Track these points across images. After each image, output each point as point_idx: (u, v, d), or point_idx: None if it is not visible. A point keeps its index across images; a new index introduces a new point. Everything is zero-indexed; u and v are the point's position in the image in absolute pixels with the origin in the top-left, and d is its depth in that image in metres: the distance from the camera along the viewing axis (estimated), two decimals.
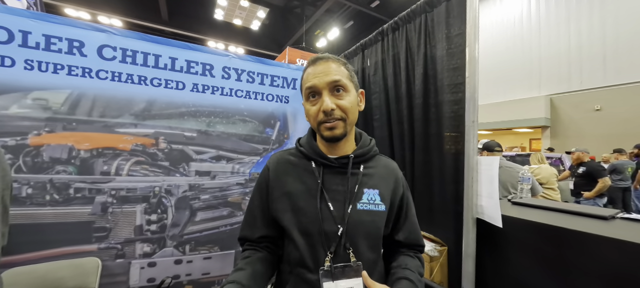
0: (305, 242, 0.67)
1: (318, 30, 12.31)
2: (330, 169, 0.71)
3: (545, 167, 3.46)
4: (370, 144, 0.77)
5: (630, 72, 6.80)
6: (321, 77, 0.66)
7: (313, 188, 0.69)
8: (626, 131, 6.66)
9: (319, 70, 0.67)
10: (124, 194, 1.42)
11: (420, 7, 1.32)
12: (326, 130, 0.66)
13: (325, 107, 0.65)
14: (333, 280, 0.63)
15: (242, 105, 1.69)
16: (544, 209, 1.15)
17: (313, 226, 0.66)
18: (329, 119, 0.65)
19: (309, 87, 0.67)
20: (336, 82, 0.66)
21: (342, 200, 0.68)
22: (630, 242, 0.76)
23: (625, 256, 0.77)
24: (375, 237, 0.71)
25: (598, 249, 0.82)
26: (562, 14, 8.05)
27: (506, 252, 1.04)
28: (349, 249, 0.66)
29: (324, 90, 0.66)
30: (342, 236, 0.66)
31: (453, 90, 1.14)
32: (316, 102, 0.67)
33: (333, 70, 0.67)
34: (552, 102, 8.24)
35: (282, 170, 0.73)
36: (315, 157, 0.72)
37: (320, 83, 0.66)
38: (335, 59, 0.70)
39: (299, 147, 0.76)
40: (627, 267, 0.76)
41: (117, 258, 1.41)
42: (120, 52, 1.38)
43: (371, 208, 0.70)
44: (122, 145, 1.41)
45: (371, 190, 0.71)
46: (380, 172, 0.75)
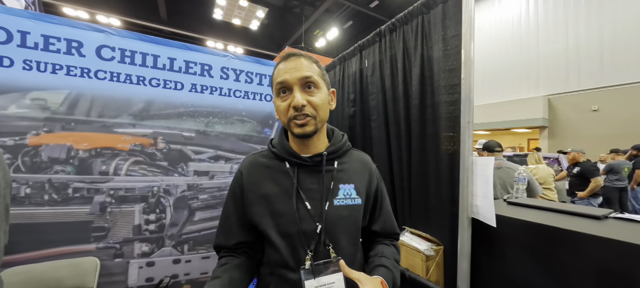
0: (286, 243, 0.67)
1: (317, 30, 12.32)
2: (304, 168, 0.71)
3: (543, 167, 3.48)
4: (342, 139, 0.78)
5: (627, 73, 6.84)
6: (292, 72, 0.65)
7: (289, 189, 0.69)
8: (623, 131, 6.70)
9: (290, 66, 0.66)
10: (123, 194, 1.43)
11: (417, 8, 1.33)
12: (296, 127, 0.66)
13: (295, 103, 0.64)
14: (314, 277, 0.65)
15: (241, 106, 1.70)
16: (538, 209, 1.17)
17: (292, 227, 0.67)
18: (298, 115, 0.65)
19: (280, 82, 0.66)
20: (307, 78, 0.65)
21: (319, 198, 0.69)
22: (621, 241, 0.78)
23: (616, 255, 0.78)
24: (354, 230, 0.72)
25: (590, 248, 0.84)
26: (560, 14, 8.08)
27: (501, 251, 1.05)
28: (329, 246, 0.67)
29: (294, 86, 0.65)
30: (320, 233, 0.67)
31: (449, 91, 1.15)
32: (286, 98, 0.66)
33: (304, 66, 0.66)
34: (550, 102, 8.28)
35: (256, 174, 0.72)
36: (288, 157, 0.71)
37: (291, 78, 0.65)
38: (307, 57, 0.69)
39: (272, 148, 0.75)
40: (618, 265, 0.77)
41: (116, 257, 1.42)
42: (119, 52, 1.39)
43: (348, 203, 0.71)
44: (120, 145, 1.42)
45: (347, 185, 0.72)
46: (354, 167, 0.76)
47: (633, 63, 6.75)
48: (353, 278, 0.62)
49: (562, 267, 0.89)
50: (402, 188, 1.44)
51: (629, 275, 0.75)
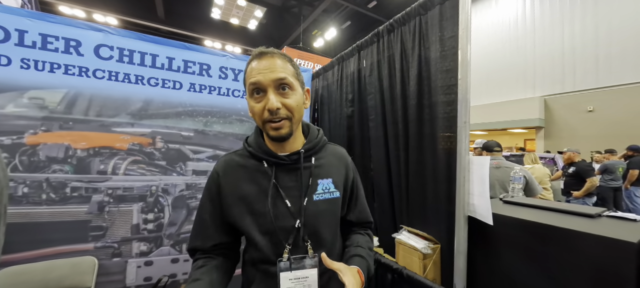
0: (267, 241, 0.69)
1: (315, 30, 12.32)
2: (282, 167, 0.71)
3: (539, 167, 3.52)
4: (318, 135, 0.78)
5: (622, 74, 6.92)
6: (266, 73, 0.63)
7: (267, 188, 0.69)
8: (618, 132, 6.78)
9: (264, 65, 0.63)
10: (121, 193, 1.43)
11: (415, 9, 1.34)
12: (272, 130, 0.65)
13: (270, 106, 0.62)
14: (291, 270, 0.67)
15: (239, 105, 1.70)
16: (533, 208, 1.19)
17: (271, 225, 0.68)
18: (274, 118, 0.63)
19: (253, 83, 0.63)
20: (282, 79, 0.63)
21: (298, 195, 0.70)
22: (613, 238, 0.79)
23: (608, 251, 0.80)
24: (333, 222, 0.75)
25: (583, 245, 0.85)
26: (556, 16, 8.16)
27: (497, 249, 1.07)
28: (307, 242, 0.69)
29: (269, 88, 0.63)
30: (299, 229, 0.69)
31: (446, 91, 1.17)
32: (261, 100, 0.64)
33: (278, 67, 0.64)
34: (546, 103, 8.36)
35: (232, 174, 0.71)
36: (265, 156, 0.70)
37: (265, 80, 0.63)
38: (281, 55, 0.67)
39: (248, 148, 0.74)
40: (609, 262, 0.79)
41: (114, 257, 1.42)
42: (117, 51, 1.39)
43: (327, 197, 0.73)
44: (119, 145, 1.42)
45: (325, 180, 0.74)
46: (331, 161, 0.77)
47: (628, 64, 6.82)
48: (334, 268, 0.65)
49: (557, 264, 0.90)
50: (400, 188, 1.46)
51: (619, 271, 0.77)
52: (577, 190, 3.97)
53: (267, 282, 0.69)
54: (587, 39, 7.50)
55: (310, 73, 1.96)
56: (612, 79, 7.06)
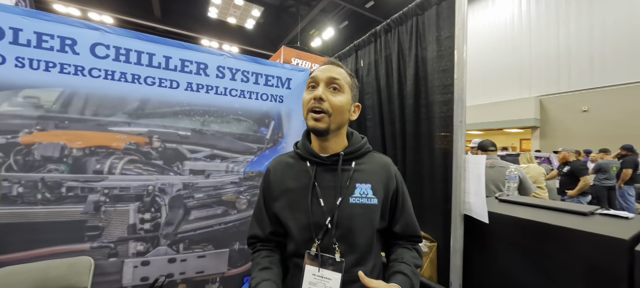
0: (300, 235, 0.73)
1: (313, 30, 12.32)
2: (323, 167, 0.77)
3: (534, 167, 3.55)
4: (361, 141, 0.82)
5: (616, 74, 7.01)
6: (324, 72, 0.74)
7: (307, 185, 0.75)
8: (612, 132, 6.87)
9: (325, 68, 0.76)
10: (117, 193, 1.42)
11: (412, 10, 1.35)
12: (311, 120, 0.72)
13: (316, 94, 0.71)
14: (317, 266, 0.70)
15: (237, 105, 1.70)
16: (528, 206, 1.20)
17: (306, 220, 0.73)
18: (315, 107, 0.71)
19: (311, 78, 0.76)
20: (334, 79, 0.73)
21: (333, 195, 0.73)
22: (605, 235, 0.81)
23: (601, 248, 0.81)
24: (369, 229, 0.74)
25: (577, 243, 0.87)
26: (551, 17, 8.24)
27: (492, 247, 1.08)
28: (335, 244, 0.70)
29: (321, 82, 0.73)
30: (330, 228, 0.71)
31: (442, 91, 1.18)
32: (312, 91, 0.74)
33: (335, 70, 0.75)
34: (542, 103, 8.44)
35: (280, 171, 0.80)
36: (309, 156, 0.78)
37: (321, 76, 0.74)
38: (343, 67, 0.79)
39: (296, 150, 0.82)
40: (601, 258, 0.80)
41: (110, 257, 1.41)
42: (114, 50, 1.38)
43: (363, 202, 0.74)
44: (115, 144, 1.41)
45: (363, 184, 0.75)
46: (372, 168, 0.79)
47: (622, 65, 6.92)
48: (372, 287, 0.64)
49: (551, 260, 0.92)
50: None
51: (611, 267, 0.79)
52: (572, 189, 4.01)
53: (298, 276, 0.74)
54: (582, 40, 7.59)
55: (307, 72, 1.96)
56: (607, 80, 7.15)
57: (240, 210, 1.73)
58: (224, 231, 1.68)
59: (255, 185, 1.77)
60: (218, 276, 1.67)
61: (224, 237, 1.68)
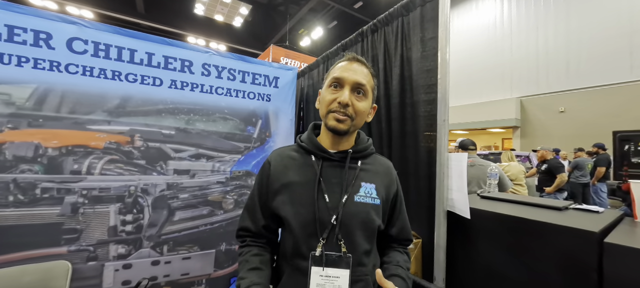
0: (302, 231, 0.69)
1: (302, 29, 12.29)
2: (329, 163, 0.75)
3: (514, 165, 3.69)
4: (367, 142, 0.82)
5: (590, 77, 7.39)
6: (351, 73, 0.71)
7: (311, 180, 0.72)
8: (586, 131, 7.24)
9: (353, 67, 0.72)
10: (97, 194, 1.37)
11: (398, 10, 1.38)
12: (333, 120, 0.70)
13: (342, 99, 0.69)
14: (322, 266, 0.67)
15: (223, 103, 1.67)
16: (508, 202, 1.25)
17: (309, 215, 0.69)
18: (339, 110, 0.69)
19: (336, 78, 0.72)
20: (361, 84, 0.71)
21: (339, 192, 0.72)
22: (577, 229, 0.85)
23: (574, 240, 0.86)
24: (371, 228, 0.74)
25: (552, 235, 0.91)
26: (531, 21, 8.59)
27: (474, 242, 1.12)
28: (341, 240, 0.69)
29: (347, 85, 0.70)
30: (335, 226, 0.69)
31: (427, 90, 1.20)
32: (336, 92, 0.71)
33: (363, 74, 0.72)
34: (522, 103, 8.78)
35: (282, 164, 0.76)
36: (315, 151, 0.75)
37: (348, 78, 0.71)
38: (369, 66, 0.76)
39: (300, 143, 0.79)
40: (575, 249, 0.85)
41: (89, 260, 1.36)
42: (92, 45, 1.33)
43: (368, 201, 0.74)
44: (94, 143, 1.36)
45: (368, 184, 0.76)
46: (377, 169, 0.80)
47: (595, 68, 7.30)
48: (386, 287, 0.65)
49: (529, 252, 0.96)
50: None
51: (583, 258, 0.83)
52: (550, 186, 4.20)
53: (295, 278, 0.70)
54: (559, 44, 7.96)
55: (295, 72, 1.96)
56: (581, 82, 7.53)
57: (227, 210, 1.70)
58: (210, 232, 1.65)
59: (243, 185, 1.75)
60: (204, 277, 1.64)
61: (210, 237, 1.65)
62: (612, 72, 7.00)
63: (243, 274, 0.71)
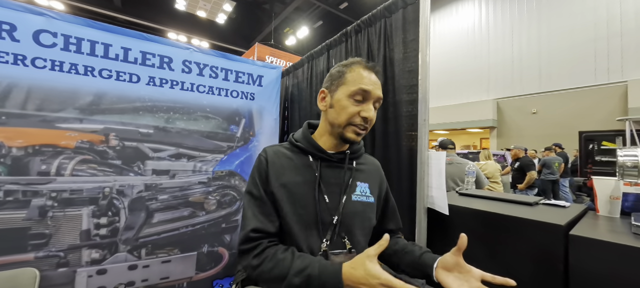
0: (303, 233, 0.68)
1: (287, 28, 12.21)
2: (327, 163, 0.75)
3: (491, 163, 3.87)
4: (360, 143, 0.84)
5: (559, 81, 7.88)
6: (376, 88, 0.72)
7: (310, 180, 0.72)
8: (556, 132, 7.72)
9: (374, 80, 0.73)
10: (68, 196, 1.30)
11: (380, 12, 1.40)
12: (353, 133, 0.71)
13: (369, 116, 0.70)
14: None
15: (205, 101, 1.63)
16: (484, 199, 1.31)
17: (310, 216, 0.69)
18: (361, 125, 0.70)
19: (364, 90, 0.70)
20: (380, 99, 0.74)
21: (338, 192, 0.73)
22: (545, 222, 0.91)
23: (543, 233, 0.91)
24: (368, 226, 0.77)
25: (523, 229, 0.96)
26: (506, 27, 9.03)
27: (453, 237, 1.15)
28: (344, 237, 0.70)
29: (371, 100, 0.71)
30: (337, 225, 0.70)
31: (408, 91, 1.24)
32: (359, 105, 0.71)
33: (380, 87, 0.74)
34: (499, 105, 9.21)
35: (279, 162, 0.74)
36: (314, 151, 0.75)
37: (374, 93, 0.71)
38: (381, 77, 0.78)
39: (296, 143, 0.77)
40: (543, 242, 0.91)
41: (59, 267, 1.28)
42: (62, 38, 1.25)
43: (363, 200, 0.76)
44: (64, 142, 1.28)
45: (363, 183, 0.78)
46: (369, 168, 0.83)
47: (564, 72, 7.79)
48: None
49: (503, 246, 1.01)
50: None
51: (551, 249, 0.89)
52: (522, 182, 4.44)
53: None
54: (531, 49, 8.42)
55: (280, 70, 1.94)
56: (552, 85, 8.01)
57: (209, 211, 1.67)
58: (192, 234, 1.61)
59: (226, 185, 1.71)
60: (185, 281, 1.59)
61: (191, 239, 1.60)
62: (579, 76, 7.50)
63: (297, 264, 0.60)
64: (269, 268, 0.62)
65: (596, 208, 1.14)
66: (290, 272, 0.60)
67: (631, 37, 6.66)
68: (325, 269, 0.59)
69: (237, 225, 1.75)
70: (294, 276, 0.59)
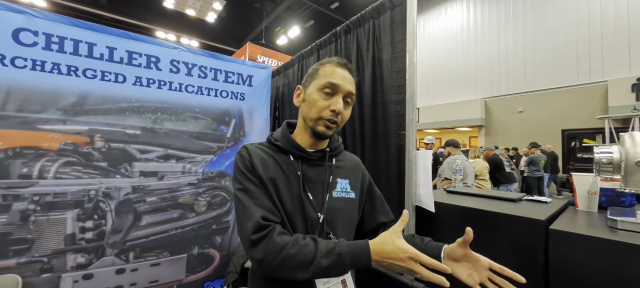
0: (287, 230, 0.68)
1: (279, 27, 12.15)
2: (307, 162, 0.75)
3: (480, 161, 3.96)
4: (338, 140, 0.85)
5: (543, 80, 8.13)
6: (346, 82, 0.72)
7: (293, 179, 0.72)
8: (540, 130, 7.96)
9: (345, 75, 0.73)
10: (51, 200, 1.26)
11: (369, 13, 1.42)
12: (323, 127, 0.71)
13: (338, 108, 0.70)
14: None
15: (194, 102, 1.61)
16: (469, 196, 1.34)
17: (295, 214, 0.69)
18: (331, 119, 0.70)
19: (333, 83, 0.71)
20: (351, 94, 0.73)
21: (320, 190, 0.73)
22: (527, 218, 0.94)
23: (524, 228, 0.95)
24: (349, 222, 0.78)
25: (506, 224, 1.00)
26: (493, 28, 9.25)
27: (440, 234, 1.18)
28: (330, 234, 0.71)
29: (340, 94, 0.71)
30: (323, 223, 0.71)
31: (397, 91, 1.26)
32: (328, 99, 0.71)
33: (352, 83, 0.74)
34: (486, 104, 9.42)
35: (260, 158, 0.72)
36: (294, 150, 0.75)
37: (343, 86, 0.71)
38: (355, 75, 0.78)
39: (275, 142, 0.77)
40: (525, 235, 0.94)
41: (43, 272, 1.25)
42: (44, 37, 1.22)
43: (344, 196, 0.77)
44: (47, 144, 1.25)
45: (343, 180, 0.78)
46: (348, 165, 0.83)
47: (547, 72, 8.04)
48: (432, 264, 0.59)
49: (487, 241, 1.04)
50: None
51: (532, 243, 0.92)
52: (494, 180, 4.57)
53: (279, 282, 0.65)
54: (517, 50, 8.65)
55: (270, 70, 1.94)
56: (536, 85, 8.25)
57: (199, 212, 1.65)
58: (181, 236, 1.59)
59: (216, 186, 1.70)
60: (175, 284, 1.58)
61: (181, 242, 1.59)
62: (562, 76, 7.75)
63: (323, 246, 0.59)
64: (293, 254, 0.59)
65: (576, 203, 1.19)
66: (318, 255, 0.58)
67: (611, 39, 6.94)
68: (354, 247, 0.60)
69: (228, 226, 1.74)
70: (322, 257, 0.58)
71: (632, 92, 6.27)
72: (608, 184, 1.13)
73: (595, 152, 0.96)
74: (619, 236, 0.79)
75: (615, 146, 0.92)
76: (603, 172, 0.94)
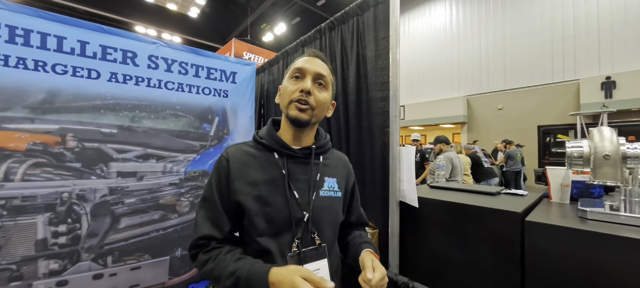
0: (271, 231, 0.68)
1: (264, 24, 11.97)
2: (293, 160, 0.74)
3: (462, 157, 4.09)
4: (326, 138, 0.84)
5: (520, 79, 8.48)
6: (312, 65, 0.73)
7: (278, 178, 0.71)
8: (519, 126, 8.32)
9: (313, 60, 0.74)
10: (19, 203, 1.19)
11: (353, 9, 1.42)
12: (295, 110, 0.69)
13: (304, 87, 0.69)
14: (302, 264, 0.67)
15: (174, 99, 1.56)
16: (451, 190, 1.38)
17: (279, 214, 0.68)
18: (302, 99, 0.69)
19: (298, 68, 0.72)
20: (322, 75, 0.73)
21: (307, 188, 0.73)
22: (505, 210, 0.98)
23: (503, 220, 0.98)
24: (335, 220, 0.78)
25: (486, 217, 1.03)
26: (475, 27, 9.54)
27: (423, 228, 1.21)
28: (314, 233, 0.71)
29: (308, 75, 0.71)
30: (308, 222, 0.70)
31: (380, 88, 1.27)
32: (297, 83, 0.72)
33: (322, 66, 0.75)
34: (469, 102, 9.72)
35: (242, 161, 0.72)
36: (278, 147, 0.73)
37: (309, 68, 0.72)
38: (327, 62, 0.79)
39: (260, 140, 0.76)
40: (503, 227, 0.98)
41: (12, 281, 1.17)
42: (7, 30, 1.14)
43: (331, 195, 0.76)
44: (13, 144, 1.17)
45: (330, 178, 0.78)
46: (336, 163, 0.83)
47: (524, 71, 8.40)
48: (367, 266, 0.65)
49: (468, 234, 1.07)
50: None
51: (509, 234, 0.96)
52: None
53: None
54: (497, 49, 8.97)
55: (254, 67, 1.90)
56: (514, 83, 8.60)
57: (181, 213, 1.60)
58: (163, 237, 1.54)
59: (199, 186, 1.65)
60: (158, 287, 1.53)
61: (163, 244, 1.54)
62: (538, 74, 8.11)
63: (231, 267, 0.62)
64: (210, 269, 0.66)
65: (550, 195, 1.24)
66: (224, 274, 0.63)
67: (582, 39, 7.32)
68: (254, 273, 0.61)
69: None
70: (226, 278, 0.62)
71: (602, 90, 6.67)
72: (579, 177, 1.19)
73: (567, 147, 1.01)
74: (588, 226, 0.83)
75: (585, 141, 0.97)
76: (574, 165, 0.98)
